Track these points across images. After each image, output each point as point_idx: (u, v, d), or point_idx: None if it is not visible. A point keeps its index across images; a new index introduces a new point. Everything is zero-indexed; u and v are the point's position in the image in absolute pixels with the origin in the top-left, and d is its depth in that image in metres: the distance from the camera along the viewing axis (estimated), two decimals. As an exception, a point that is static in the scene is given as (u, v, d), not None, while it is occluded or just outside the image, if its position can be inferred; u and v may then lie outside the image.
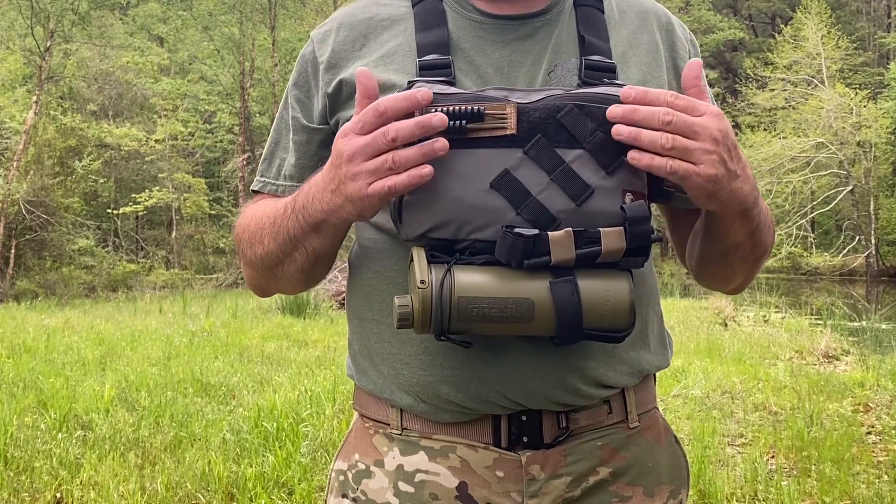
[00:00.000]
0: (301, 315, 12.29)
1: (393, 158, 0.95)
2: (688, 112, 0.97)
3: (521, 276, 1.00)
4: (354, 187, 0.98)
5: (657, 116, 0.96)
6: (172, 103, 29.33)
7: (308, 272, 1.19)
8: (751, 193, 1.04)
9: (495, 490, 1.14)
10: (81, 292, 20.65)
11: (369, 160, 0.97)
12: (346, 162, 0.98)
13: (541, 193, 1.00)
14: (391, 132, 0.95)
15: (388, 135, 0.95)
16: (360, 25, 1.22)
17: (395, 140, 0.95)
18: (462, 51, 1.17)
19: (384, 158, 0.96)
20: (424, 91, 0.96)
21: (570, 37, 1.19)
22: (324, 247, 1.13)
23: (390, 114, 0.96)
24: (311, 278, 1.22)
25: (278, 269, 1.19)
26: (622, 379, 1.18)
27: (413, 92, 0.96)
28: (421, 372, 1.14)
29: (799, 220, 31.09)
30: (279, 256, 1.16)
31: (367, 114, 0.97)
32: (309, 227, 1.09)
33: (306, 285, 1.25)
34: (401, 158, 0.95)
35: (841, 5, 43.52)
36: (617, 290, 1.01)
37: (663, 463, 1.23)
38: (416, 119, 0.96)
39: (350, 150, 0.98)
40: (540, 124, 1.00)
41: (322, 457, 4.37)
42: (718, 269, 1.21)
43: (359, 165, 0.97)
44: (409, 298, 1.00)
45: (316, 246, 1.12)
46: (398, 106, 0.96)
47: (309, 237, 1.11)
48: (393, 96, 0.97)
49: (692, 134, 0.96)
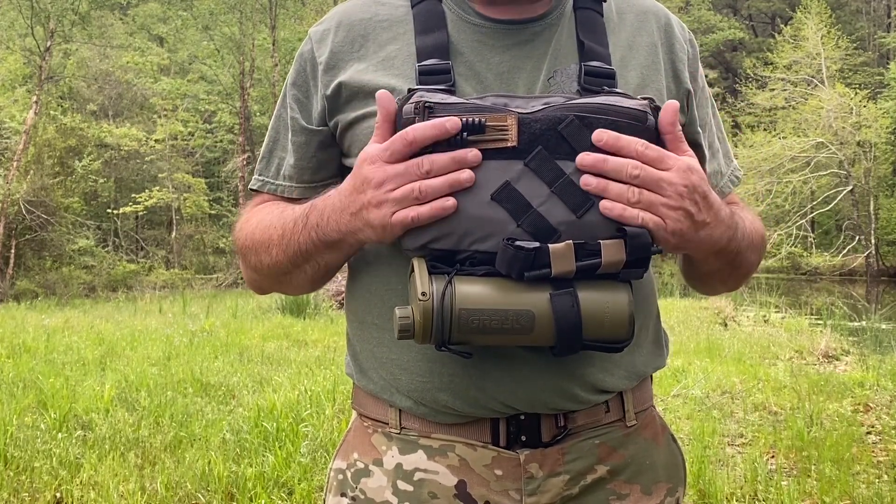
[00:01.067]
0: (301, 315, 12.29)
1: (420, 188, 0.97)
2: (656, 165, 0.99)
3: (521, 287, 1.00)
4: (378, 214, 0.99)
5: (626, 170, 0.98)
6: (172, 103, 29.34)
7: (316, 281, 1.22)
8: (723, 235, 1.07)
9: (494, 488, 1.14)
10: (81, 292, 20.66)
11: (397, 189, 0.98)
12: (373, 188, 0.99)
13: (541, 205, 1.00)
14: (426, 165, 0.97)
15: (423, 167, 0.97)
16: (358, 25, 1.21)
17: (430, 173, 0.97)
18: (462, 55, 1.16)
19: (411, 188, 0.97)
20: (454, 121, 0.97)
21: (569, 42, 1.19)
22: (338, 261, 1.15)
23: (419, 143, 0.97)
24: (318, 285, 1.25)
25: (286, 277, 1.20)
26: (620, 383, 1.18)
27: (443, 121, 0.97)
28: (420, 378, 1.14)
29: (799, 220, 31.10)
30: (288, 267, 1.17)
31: (395, 143, 0.98)
32: (323, 245, 1.10)
33: (312, 290, 1.27)
34: (427, 188, 0.97)
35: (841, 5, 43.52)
36: (616, 301, 1.01)
37: (661, 461, 1.23)
38: (453, 155, 0.97)
39: (380, 178, 0.99)
40: (541, 136, 1.00)
41: (322, 457, 4.37)
42: (702, 285, 1.29)
43: (386, 194, 0.98)
44: (410, 310, 1.00)
45: (329, 260, 1.14)
46: (427, 135, 0.97)
47: (322, 253, 1.12)
48: (422, 126, 0.97)
49: (658, 188, 0.99)
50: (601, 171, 0.98)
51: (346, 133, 1.19)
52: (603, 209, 0.98)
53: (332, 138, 1.23)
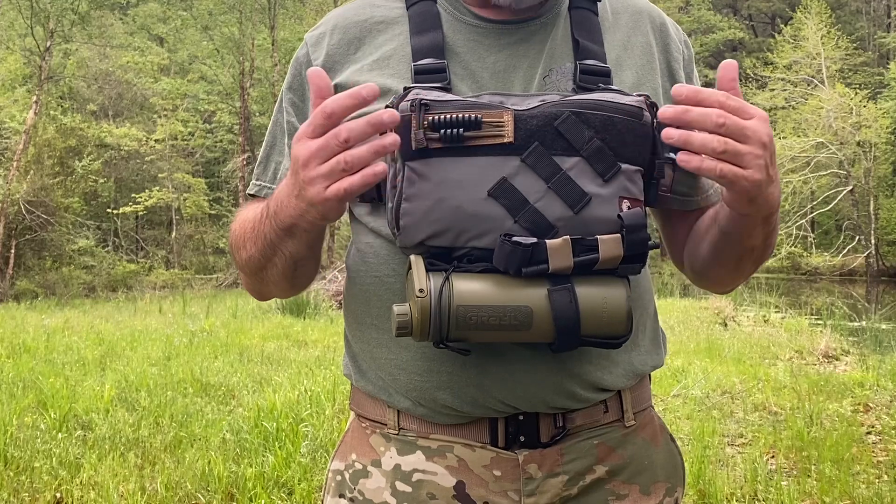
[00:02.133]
0: (301, 315, 12.29)
1: (345, 160, 0.94)
2: (739, 114, 0.96)
3: (519, 283, 1.00)
4: (313, 192, 0.97)
5: (710, 118, 0.94)
6: (172, 103, 29.36)
7: (290, 278, 1.19)
8: (779, 198, 1.04)
9: (492, 489, 1.14)
10: (81, 292, 20.66)
11: (324, 163, 0.96)
12: (302, 167, 0.98)
13: (538, 201, 1.00)
14: (343, 133, 0.94)
15: (340, 136, 0.94)
16: (354, 28, 1.21)
17: (348, 141, 0.94)
18: (457, 55, 1.16)
19: (336, 161, 0.95)
20: (370, 87, 0.95)
21: (564, 41, 1.19)
22: (300, 251, 1.12)
23: (339, 114, 0.95)
24: (296, 284, 1.22)
25: (262, 273, 1.19)
26: (618, 381, 1.18)
27: (358, 89, 0.95)
28: (418, 378, 1.14)
29: (799, 220, 31.10)
30: (261, 261, 1.16)
31: (315, 117, 0.96)
32: (282, 232, 1.08)
33: (293, 290, 1.24)
34: (352, 159, 0.94)
35: (841, 5, 43.52)
36: (614, 297, 1.01)
37: (659, 461, 1.23)
38: (367, 118, 0.94)
39: (304, 156, 0.97)
40: (537, 132, 1.00)
41: (322, 457, 4.37)
42: (729, 270, 1.21)
43: (314, 170, 0.96)
44: (408, 307, 1.00)
45: (292, 250, 1.12)
46: (345, 104, 0.95)
47: (284, 242, 1.10)
48: (338, 96, 0.95)
49: (743, 138, 0.95)
50: (683, 123, 0.95)
51: None
52: (680, 161, 0.96)
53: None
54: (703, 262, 1.23)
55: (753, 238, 1.11)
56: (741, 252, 1.15)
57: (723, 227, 1.13)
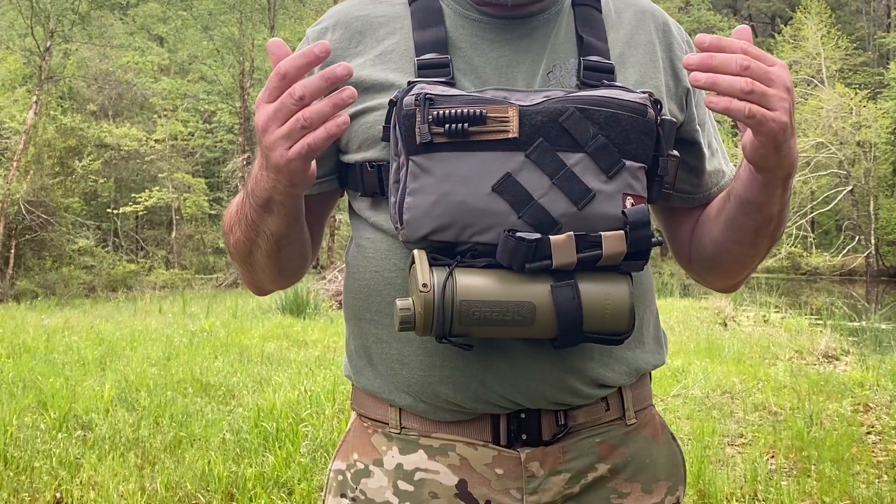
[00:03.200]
0: (301, 315, 12.29)
1: (303, 116, 0.94)
2: (761, 60, 0.97)
3: (522, 279, 1.00)
4: (276, 156, 0.97)
5: (735, 61, 0.95)
6: (172, 103, 29.35)
7: (275, 260, 1.18)
8: (797, 157, 1.05)
9: (495, 487, 1.14)
10: (81, 292, 20.65)
11: (283, 124, 0.95)
12: (262, 133, 0.97)
13: (542, 197, 1.00)
14: (297, 91, 0.94)
15: (295, 94, 0.94)
16: (356, 23, 1.21)
17: (304, 97, 0.94)
18: (460, 50, 1.16)
19: (295, 119, 0.94)
20: (322, 44, 0.94)
21: (568, 37, 1.18)
22: (279, 228, 1.12)
23: (292, 74, 0.94)
24: (284, 269, 1.21)
25: (250, 258, 1.18)
26: (620, 378, 1.18)
27: (310, 48, 0.94)
28: (420, 373, 1.14)
29: (799, 220, 31.10)
30: (246, 244, 1.16)
31: (270, 80, 0.96)
32: (260, 209, 1.09)
33: (281, 276, 1.23)
34: (311, 114, 0.94)
35: (841, 5, 43.52)
36: (617, 293, 1.01)
37: (660, 459, 1.23)
38: (321, 73, 0.94)
39: (263, 121, 0.97)
40: (542, 127, 1.00)
41: (322, 457, 4.37)
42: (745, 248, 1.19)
43: (274, 133, 0.96)
44: (411, 301, 1.00)
45: (272, 228, 1.11)
46: (298, 64, 0.94)
47: (263, 219, 1.10)
48: (292, 56, 0.95)
49: (768, 81, 0.96)
50: (708, 67, 0.95)
51: None
52: (708, 103, 0.97)
53: None
54: (715, 246, 1.22)
55: (773, 204, 1.11)
56: (759, 223, 1.14)
57: (741, 196, 1.12)
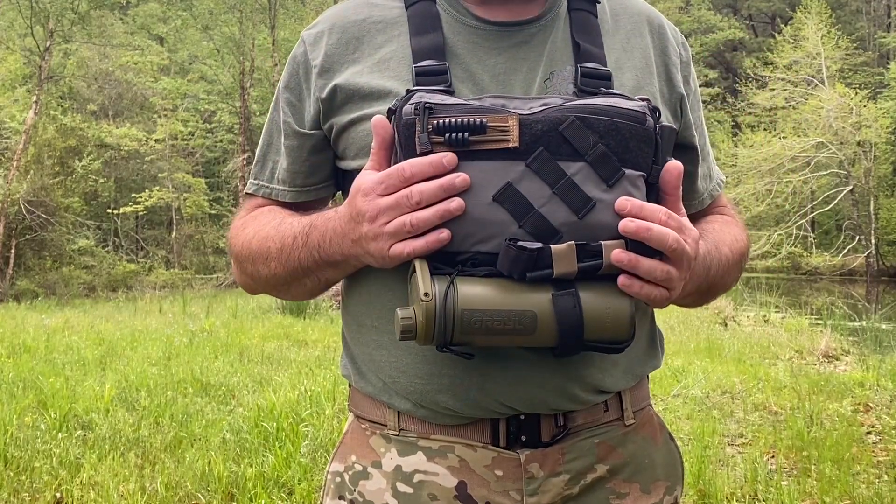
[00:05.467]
0: (301, 315, 12.29)
1: (411, 222, 0.97)
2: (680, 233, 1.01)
3: (523, 288, 1.00)
4: (376, 247, 1.01)
5: (667, 242, 0.98)
6: (172, 103, 29.35)
7: (316, 292, 1.24)
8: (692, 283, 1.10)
9: (494, 489, 1.13)
10: (81, 292, 20.66)
11: (391, 222, 0.99)
12: (368, 222, 1.00)
13: (543, 206, 1.00)
14: (415, 196, 0.97)
15: (412, 199, 0.98)
16: (352, 27, 1.21)
17: (419, 204, 0.97)
18: (457, 57, 1.16)
19: (402, 222, 0.98)
20: (450, 157, 0.98)
21: (564, 43, 1.18)
22: (339, 277, 1.17)
23: (416, 179, 0.98)
24: (316, 295, 1.26)
25: (284, 287, 1.22)
26: (619, 383, 1.18)
27: (440, 158, 0.97)
28: (419, 381, 1.14)
29: (799, 220, 31.10)
30: (286, 280, 1.19)
31: (391, 177, 0.99)
32: (325, 264, 1.12)
33: (309, 299, 1.29)
34: (418, 222, 0.97)
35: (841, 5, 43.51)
36: (617, 303, 1.01)
37: (659, 460, 1.24)
38: (441, 183, 0.97)
39: (373, 212, 1.00)
40: (542, 136, 1.00)
41: (322, 457, 4.37)
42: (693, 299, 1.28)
43: (381, 227, 1.00)
44: (412, 310, 1.00)
45: (330, 276, 1.16)
46: (425, 171, 0.98)
47: (324, 270, 1.14)
48: (419, 162, 0.98)
49: (678, 263, 1.00)
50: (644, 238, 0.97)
51: (342, 136, 1.18)
52: (621, 285, 0.99)
53: (326, 142, 1.22)
54: None
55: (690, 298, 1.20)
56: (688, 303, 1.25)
57: None
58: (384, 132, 1.01)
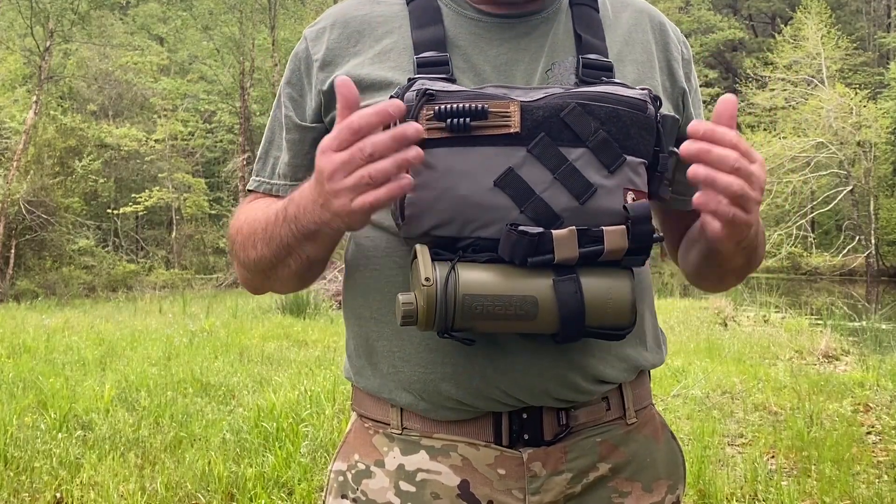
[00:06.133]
0: (301, 315, 12.29)
1: (369, 174, 0.95)
2: (746, 157, 0.97)
3: (524, 273, 1.00)
4: (339, 204, 0.99)
5: (728, 161, 0.95)
6: (172, 103, 29.35)
7: (302, 276, 1.20)
8: (757, 227, 1.07)
9: (497, 488, 1.14)
10: (81, 292, 20.65)
11: (348, 176, 0.97)
12: (327, 180, 0.99)
13: (544, 192, 1.00)
14: (367, 148, 0.95)
15: (365, 151, 0.95)
16: (354, 22, 1.22)
17: (373, 155, 0.95)
18: (459, 48, 1.16)
19: (361, 174, 0.96)
20: (396, 104, 0.95)
21: (566, 35, 1.19)
22: (318, 253, 1.14)
23: (365, 130, 0.96)
24: (305, 280, 1.24)
25: (272, 272, 1.19)
26: (619, 375, 1.19)
27: (384, 106, 0.95)
28: (421, 369, 1.14)
29: (799, 220, 31.09)
30: (272, 261, 1.17)
31: (342, 131, 0.97)
32: (303, 237, 1.09)
33: (299, 286, 1.26)
34: (377, 173, 0.95)
35: (841, 5, 43.52)
36: (619, 288, 1.02)
37: (661, 458, 1.24)
38: (392, 132, 0.95)
39: (330, 169, 0.98)
40: (543, 122, 1.01)
41: (322, 457, 4.37)
42: (713, 282, 1.30)
43: (340, 182, 0.97)
44: (414, 296, 1.00)
45: (311, 253, 1.13)
46: (371, 122, 0.96)
47: (303, 245, 1.11)
48: (365, 112, 0.96)
49: (749, 181, 0.96)
50: (705, 160, 0.95)
51: None
52: (696, 203, 0.97)
53: (327, 135, 1.23)
54: (692, 269, 1.30)
55: (734, 261, 1.15)
56: (722, 273, 1.22)
57: (703, 250, 1.18)
58: (348, 91, 0.98)
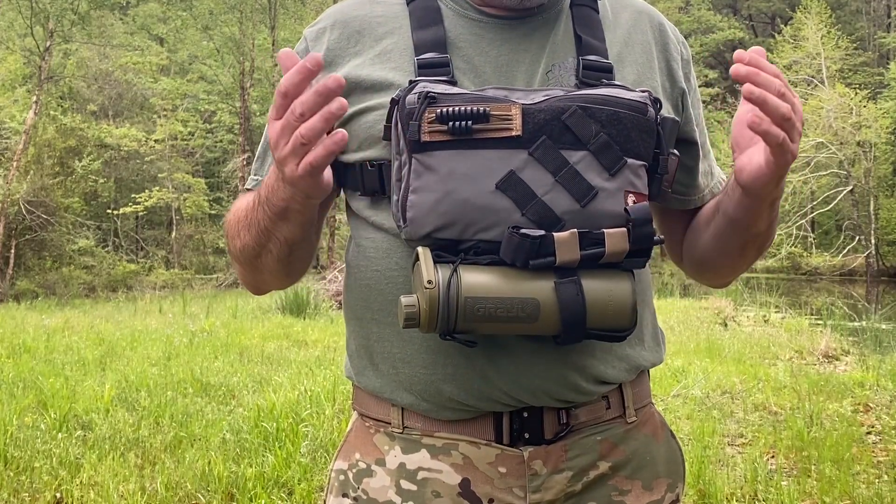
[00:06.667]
0: (301, 315, 12.29)
1: (301, 133, 0.95)
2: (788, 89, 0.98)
3: (526, 276, 1.00)
4: (289, 172, 0.99)
5: (775, 85, 0.96)
6: (172, 103, 29.35)
7: (286, 263, 1.19)
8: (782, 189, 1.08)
9: (498, 486, 1.14)
10: (81, 292, 20.65)
11: (288, 143, 0.97)
12: (274, 149, 1.00)
13: (546, 195, 1.01)
14: (297, 108, 0.95)
15: (295, 111, 0.95)
16: (354, 23, 1.22)
17: (304, 115, 0.95)
18: (459, 49, 1.16)
19: (296, 137, 0.96)
20: (313, 57, 0.95)
21: (566, 36, 1.19)
22: (294, 234, 1.13)
23: (292, 91, 0.96)
24: (293, 270, 1.23)
25: (258, 261, 1.20)
26: (620, 375, 1.19)
27: (303, 63, 0.95)
28: (423, 371, 1.14)
29: (799, 220, 31.10)
30: (255, 248, 1.17)
31: (276, 98, 0.98)
32: (275, 216, 1.10)
33: (289, 277, 1.25)
34: (307, 131, 0.95)
35: (841, 5, 43.52)
36: (620, 290, 1.02)
37: (661, 457, 1.24)
38: (314, 88, 0.95)
39: (274, 138, 0.99)
40: (545, 125, 1.01)
41: (322, 457, 4.37)
42: (733, 258, 1.23)
43: (283, 149, 0.98)
44: (416, 298, 1.00)
45: (286, 234, 1.13)
46: (295, 81, 0.95)
47: (278, 226, 1.11)
48: (289, 73, 0.96)
49: (794, 111, 0.97)
50: (754, 81, 0.96)
51: (343, 128, 1.19)
52: (751, 122, 0.96)
53: None
54: (705, 252, 1.26)
55: (760, 223, 1.14)
56: (746, 238, 1.18)
57: (730, 214, 1.15)
58: (287, 61, 0.98)
